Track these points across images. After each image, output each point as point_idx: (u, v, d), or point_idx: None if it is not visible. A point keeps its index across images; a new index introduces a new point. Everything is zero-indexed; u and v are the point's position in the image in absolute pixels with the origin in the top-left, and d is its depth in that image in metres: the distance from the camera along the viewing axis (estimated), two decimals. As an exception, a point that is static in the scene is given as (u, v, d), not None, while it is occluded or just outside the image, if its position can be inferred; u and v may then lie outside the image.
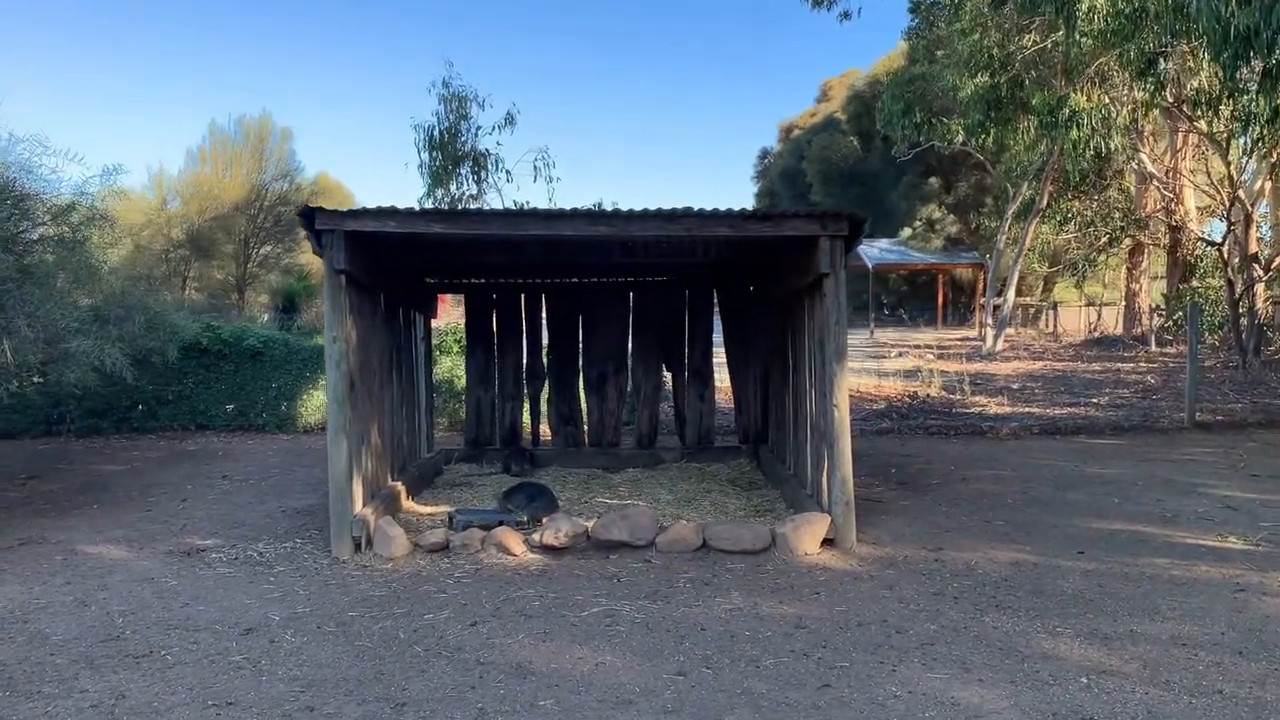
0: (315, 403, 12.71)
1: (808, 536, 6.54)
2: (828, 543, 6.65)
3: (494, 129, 14.65)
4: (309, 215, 6.47)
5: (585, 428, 10.47)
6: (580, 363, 10.47)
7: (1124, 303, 28.09)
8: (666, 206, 6.55)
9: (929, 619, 5.21)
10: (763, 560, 6.40)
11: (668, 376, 10.91)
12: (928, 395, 15.21)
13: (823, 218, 6.63)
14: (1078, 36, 15.69)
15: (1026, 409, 14.00)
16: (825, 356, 6.83)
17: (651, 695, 4.23)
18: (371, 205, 6.56)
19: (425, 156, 14.31)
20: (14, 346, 6.80)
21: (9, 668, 4.66)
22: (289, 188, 32.63)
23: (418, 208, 6.53)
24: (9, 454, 11.16)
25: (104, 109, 77.01)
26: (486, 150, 14.49)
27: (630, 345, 10.46)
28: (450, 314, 16.58)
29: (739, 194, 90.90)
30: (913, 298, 41.06)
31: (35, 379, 7.61)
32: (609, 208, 14.04)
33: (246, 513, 8.11)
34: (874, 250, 34.84)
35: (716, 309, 10.57)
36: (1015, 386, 16.53)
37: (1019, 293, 29.37)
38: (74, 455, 11.28)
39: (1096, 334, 28.21)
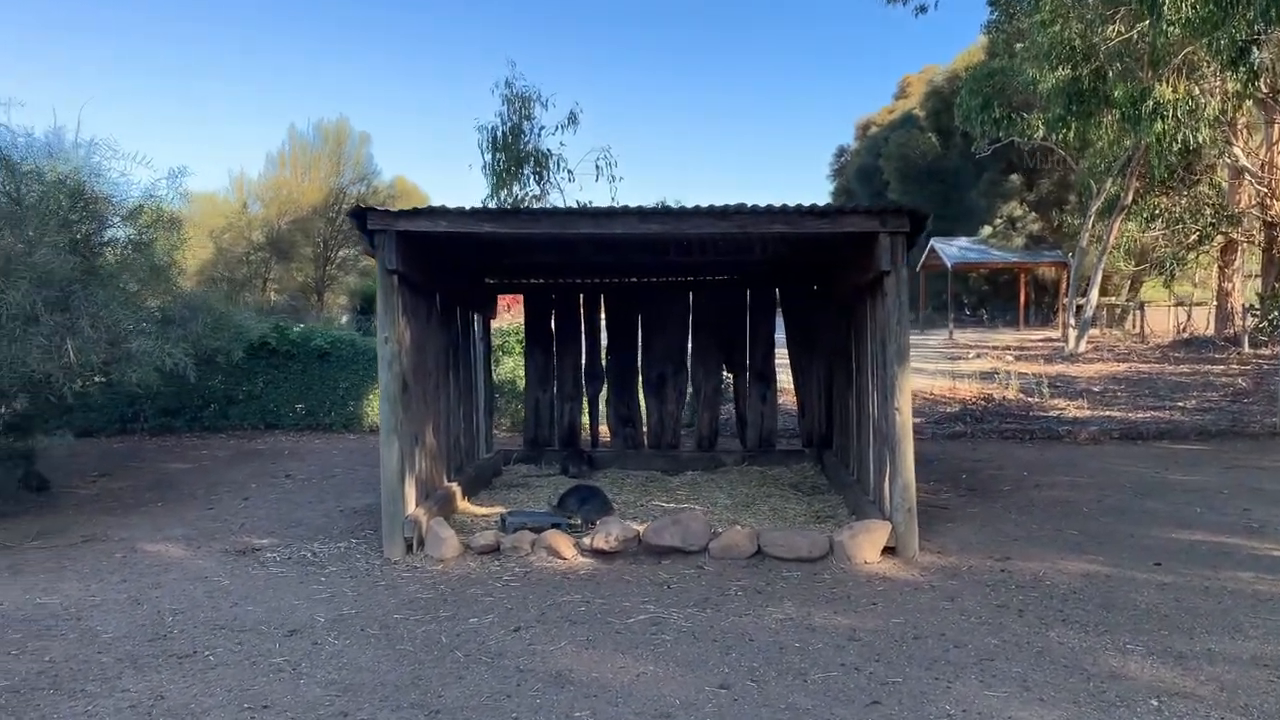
0: (381, 403, 12.81)
1: (867, 544, 6.32)
2: (888, 551, 6.42)
3: (557, 129, 14.67)
4: (361, 216, 6.46)
5: (644, 429, 10.34)
6: (639, 363, 10.34)
7: (1215, 302, 26.96)
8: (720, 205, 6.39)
9: (990, 633, 4.96)
10: (819, 569, 6.19)
11: (728, 377, 10.73)
12: (1004, 398, 14.75)
13: (882, 213, 6.40)
14: (1164, 25, 15.08)
15: (1107, 412, 13.48)
16: (887, 357, 6.59)
17: (691, 709, 4.08)
18: (423, 206, 6.52)
19: (488, 157, 14.35)
20: (77, 347, 6.91)
21: (57, 665, 4.71)
22: (367, 191, 33.15)
23: (468, 207, 6.46)
24: (84, 452, 11.44)
25: (187, 115, 79.23)
26: (549, 150, 14.49)
27: (690, 346, 10.30)
28: (514, 314, 16.60)
29: (815, 193, 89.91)
30: (994, 297, 40.06)
31: (98, 379, 7.72)
32: (672, 204, 14.02)
33: (305, 512, 8.16)
34: (953, 249, 34.05)
35: (779, 308, 10.35)
36: (1096, 389, 15.95)
37: (1104, 292, 28.43)
38: (146, 453, 11.53)
39: (1186, 335, 27.15)
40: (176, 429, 12.89)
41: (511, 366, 13.08)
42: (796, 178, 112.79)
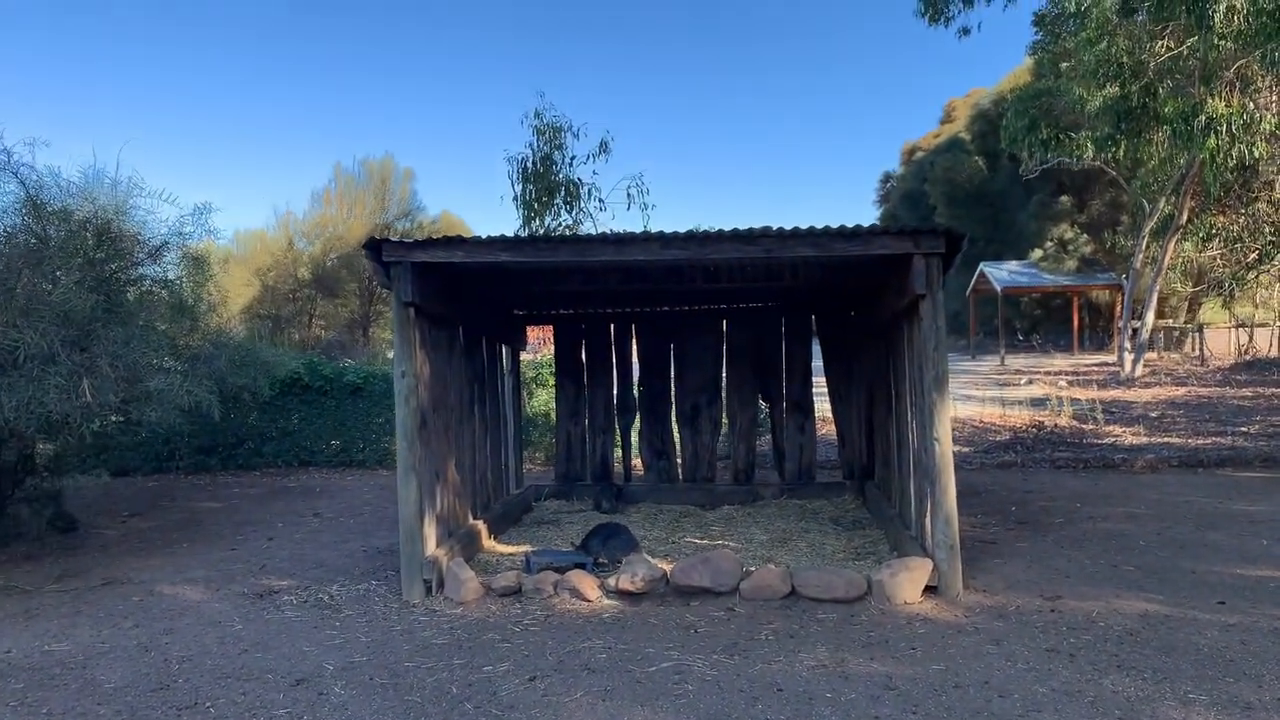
0: (416, 438, 12.66)
1: (907, 584, 5.95)
2: (930, 590, 6.05)
3: (589, 158, 14.46)
4: (375, 247, 6.29)
5: (679, 462, 10.04)
6: (672, 394, 10.06)
7: (1278, 323, 26.09)
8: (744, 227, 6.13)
9: (1038, 680, 4.59)
10: (857, 610, 5.84)
11: (765, 408, 10.41)
12: (1056, 425, 14.22)
13: (915, 234, 6.09)
14: (1215, 39, 14.65)
15: (1165, 439, 12.92)
16: (924, 385, 6.26)
17: (709, 768, 3.77)
18: (439, 235, 6.35)
19: (519, 188, 14.21)
20: (95, 386, 6.80)
21: (53, 717, 4.53)
22: (412, 226, 33.36)
23: (486, 236, 6.27)
24: (118, 491, 11.40)
25: (234, 154, 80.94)
26: (580, 179, 14.30)
27: (724, 376, 10.00)
28: (548, 346, 16.42)
29: (860, 219, 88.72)
30: (1046, 321, 39.20)
31: (115, 418, 7.62)
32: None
33: (328, 552, 7.97)
34: (1003, 273, 33.38)
35: (815, 336, 10.02)
36: (1154, 415, 15.36)
37: (1160, 315, 27.63)
38: (178, 492, 11.46)
39: (1248, 357, 26.27)
40: (211, 467, 12.83)
41: (545, 399, 12.87)
42: (841, 205, 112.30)
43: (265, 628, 5.87)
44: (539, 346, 20.10)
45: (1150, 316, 23.68)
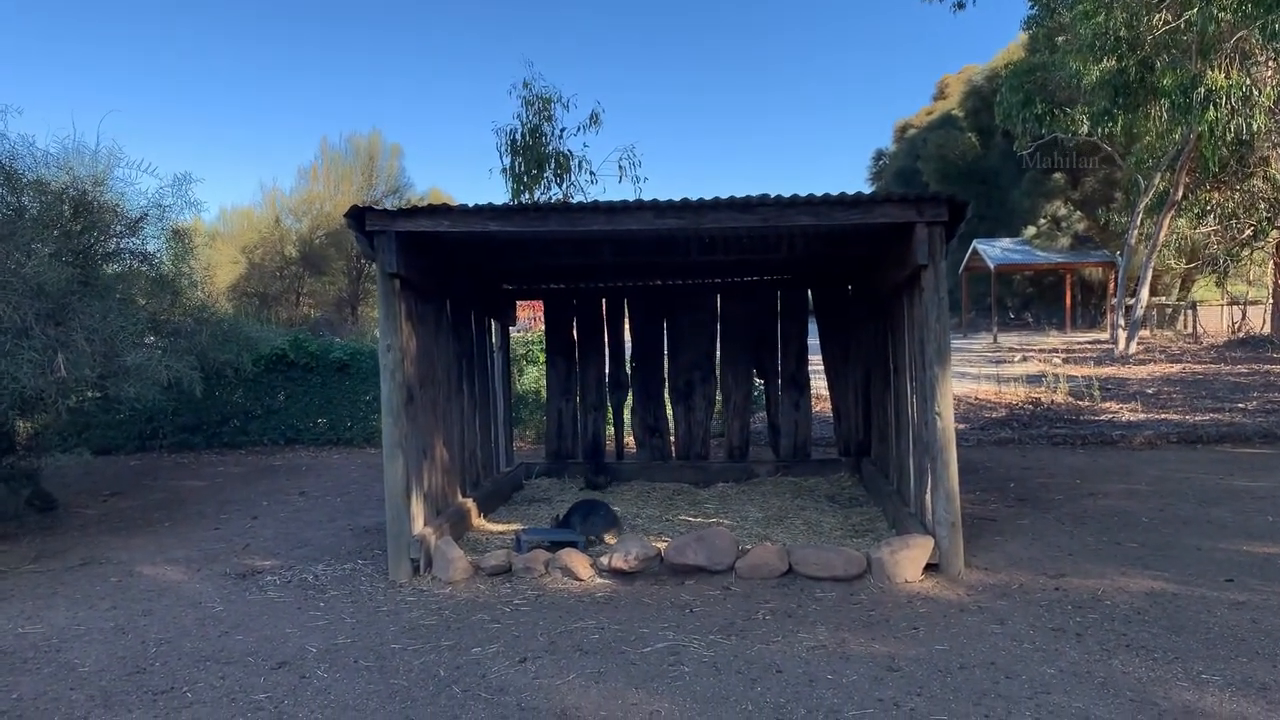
0: (404, 416, 12.47)
1: (907, 562, 5.79)
2: (931, 568, 5.89)
3: (579, 129, 14.15)
4: (358, 216, 6.06)
5: (672, 439, 9.85)
6: (666, 371, 9.86)
7: (1272, 300, 25.96)
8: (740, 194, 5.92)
9: (1045, 661, 4.44)
10: (856, 588, 5.68)
11: (760, 384, 10.22)
12: (1053, 401, 14.08)
13: (918, 202, 5.89)
14: (1214, 11, 14.46)
15: (1163, 415, 12.79)
16: (925, 358, 6.08)
17: (707, 755, 3.61)
18: (424, 204, 6.13)
19: (507, 161, 13.92)
20: (70, 361, 6.58)
21: (23, 704, 4.35)
22: (400, 202, 32.97)
23: (472, 205, 6.05)
24: (100, 470, 11.18)
25: (218, 130, 79.92)
26: (570, 152, 14.00)
27: (719, 351, 9.80)
28: (539, 324, 16.19)
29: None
30: (1039, 299, 39.06)
31: (92, 394, 7.40)
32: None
33: (314, 531, 7.78)
34: (996, 250, 33.17)
35: (812, 310, 9.82)
36: (1150, 391, 15.22)
37: (1154, 292, 27.50)
38: (161, 471, 11.24)
39: (1241, 334, 26.18)
40: (195, 446, 12.60)
41: (535, 376, 12.66)
42: (833, 183, 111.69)
43: (247, 609, 5.69)
44: (530, 324, 19.87)
45: (1145, 293, 23.54)
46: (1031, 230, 33.67)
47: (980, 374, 17.92)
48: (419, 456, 6.58)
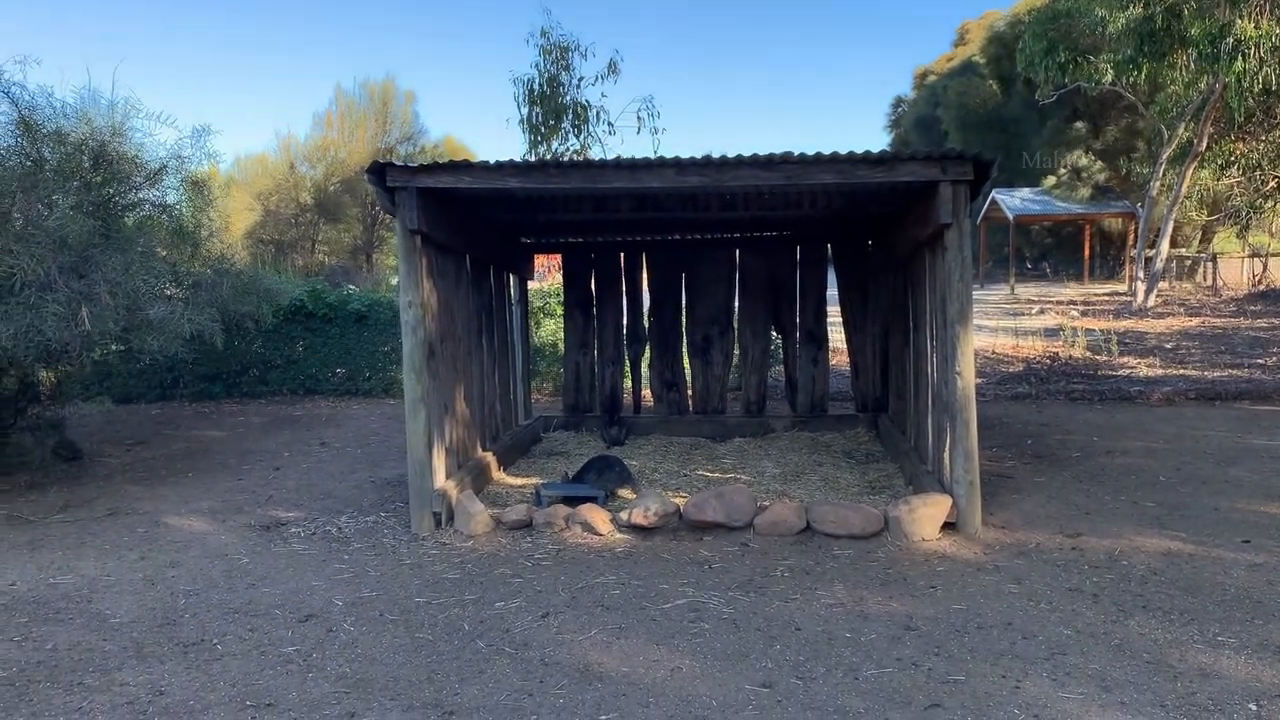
0: (422, 366, 12.55)
1: (925, 520, 5.84)
2: (948, 526, 5.93)
3: (597, 79, 14.01)
4: (379, 172, 6.06)
5: (689, 394, 9.89)
6: (683, 325, 9.87)
7: (1293, 253, 25.73)
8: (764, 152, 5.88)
9: (1062, 622, 4.49)
10: (873, 546, 5.74)
11: (777, 339, 10.22)
12: (1070, 356, 14.05)
13: (943, 160, 5.83)
14: (1246, -44, 14.13)
15: (1181, 371, 12.75)
16: (947, 318, 6.07)
17: (729, 711, 3.68)
18: (445, 160, 6.11)
19: (525, 111, 13.83)
20: (94, 314, 6.63)
21: (58, 654, 4.45)
22: (414, 150, 32.87)
23: (494, 161, 6.03)
24: (122, 419, 11.31)
25: (232, 77, 79.47)
26: (588, 102, 13.88)
27: (737, 306, 9.79)
28: (554, 275, 16.19)
29: (871, 144, 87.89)
30: (1057, 250, 38.71)
31: (115, 347, 7.46)
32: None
33: (336, 483, 7.88)
34: (1015, 200, 32.82)
35: (831, 265, 9.78)
36: (1169, 346, 15.16)
37: (1174, 243, 27.23)
38: (183, 420, 11.36)
39: (1262, 287, 25.96)
40: (215, 395, 12.72)
41: (552, 329, 12.68)
42: (851, 129, 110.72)
43: (272, 561, 5.79)
44: (545, 274, 19.84)
45: (1164, 246, 23.35)
46: (1051, 180, 33.27)
47: (997, 327, 17.87)
48: (440, 411, 6.64)
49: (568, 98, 13.85)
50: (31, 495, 7.66)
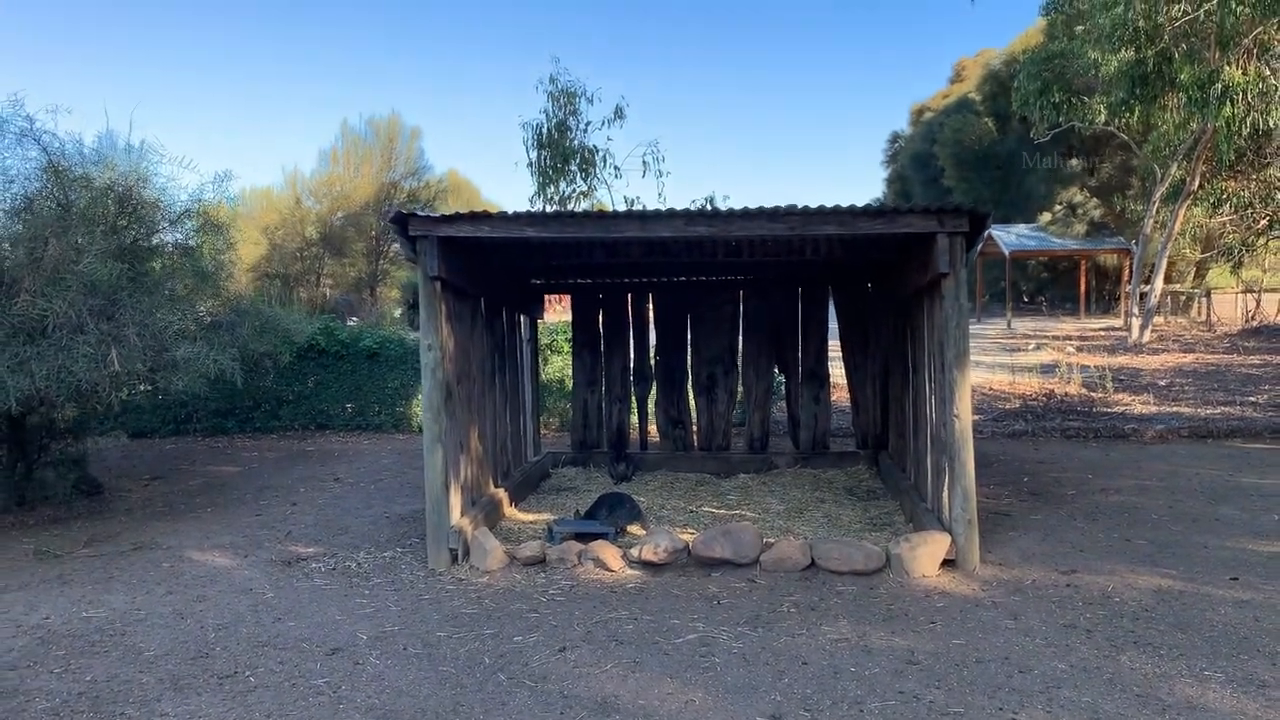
0: (429, 402, 12.79)
1: (925, 557, 6.07)
2: (948, 564, 6.16)
3: (603, 124, 14.46)
4: (402, 221, 6.33)
5: (694, 431, 10.14)
6: (689, 364, 10.14)
7: (1286, 289, 26.05)
8: (769, 204, 6.16)
9: (1057, 656, 4.71)
10: (875, 582, 5.96)
11: (780, 378, 10.49)
12: (1066, 393, 14.30)
13: (940, 214, 6.12)
14: (1233, 5, 14.54)
15: (1175, 408, 13.01)
16: (945, 362, 6.33)
17: (741, 742, 3.90)
18: (465, 210, 6.39)
19: (534, 155, 14.20)
20: (123, 355, 6.88)
21: (98, 685, 4.65)
22: (418, 185, 33.26)
23: (511, 211, 6.30)
24: (138, 453, 11.53)
25: (242, 112, 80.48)
26: (595, 146, 14.30)
27: (740, 346, 10.07)
28: (562, 311, 16.46)
29: (868, 179, 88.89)
30: (1053, 285, 39.11)
31: (143, 387, 7.71)
32: (721, 202, 13.81)
33: (352, 518, 8.09)
34: (1011, 236, 33.22)
35: (832, 307, 10.07)
36: (1163, 383, 15.43)
37: (1168, 278, 27.58)
38: (197, 455, 11.58)
39: (1255, 323, 26.27)
40: (228, 430, 12.96)
41: (560, 365, 12.95)
42: (849, 164, 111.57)
43: (296, 596, 5.99)
44: (548, 306, 20.11)
45: (1159, 282, 23.67)
46: (1047, 216, 33.71)
47: (994, 363, 18.12)
48: (456, 450, 6.87)
49: (575, 142, 14.21)
50: (55, 530, 7.88)
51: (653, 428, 10.54)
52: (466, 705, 4.30)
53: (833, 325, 10.06)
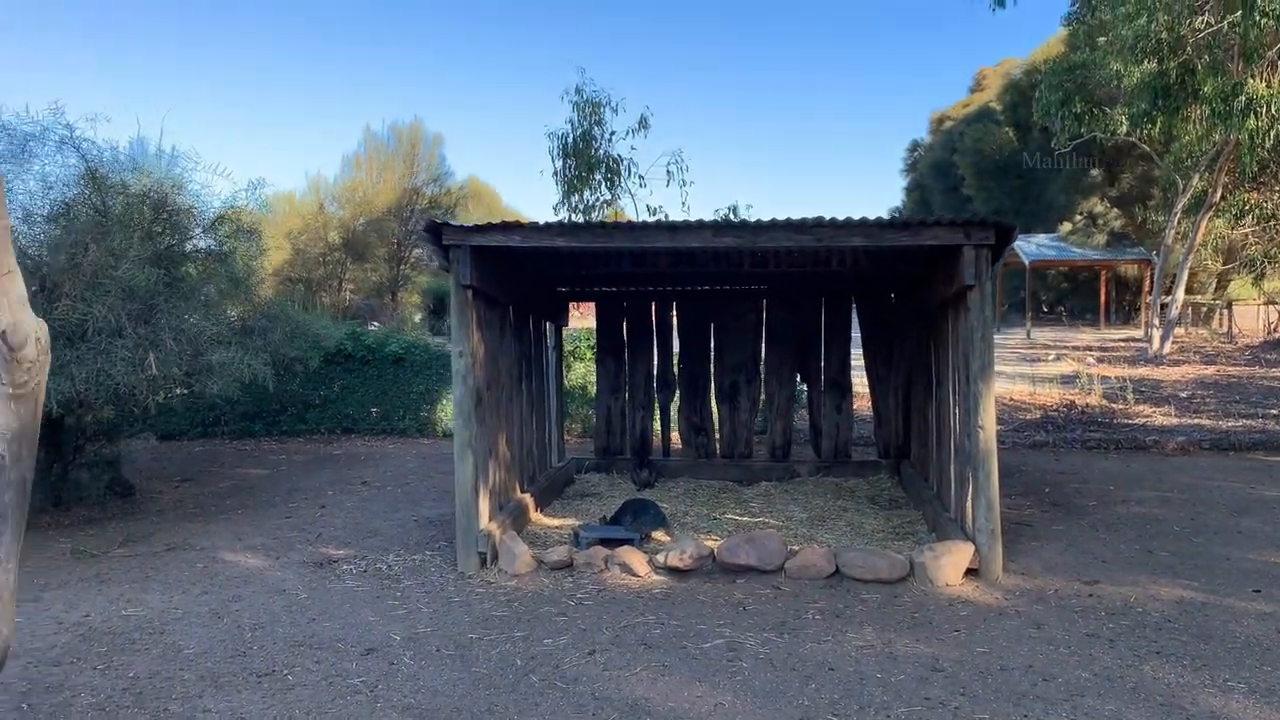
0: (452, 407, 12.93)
1: (949, 566, 6.14)
2: (971, 573, 6.23)
3: (628, 133, 14.62)
4: (435, 231, 6.46)
5: (717, 438, 10.23)
6: (712, 372, 10.24)
7: (1310, 301, 25.94)
8: (796, 216, 6.26)
9: (1080, 665, 4.77)
10: (900, 590, 6.03)
11: (802, 386, 10.57)
12: (1086, 404, 14.32)
13: (966, 226, 6.20)
14: (1257, 17, 14.53)
15: (1196, 420, 13.01)
16: (970, 373, 6.40)
17: (771, 745, 3.98)
18: (498, 220, 6.51)
19: (559, 164, 14.36)
20: (160, 359, 7.03)
21: (140, 681, 4.77)
22: (439, 191, 33.41)
23: (542, 222, 6.43)
24: (168, 455, 11.71)
25: (265, 118, 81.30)
26: (620, 156, 14.43)
27: (763, 354, 10.16)
28: (584, 318, 16.59)
29: (887, 188, 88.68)
30: (1073, 295, 39.05)
31: (180, 391, 7.87)
32: (744, 211, 13.91)
33: (380, 521, 8.22)
34: (1031, 246, 33.19)
35: (855, 316, 10.14)
36: (1184, 395, 15.41)
37: (1189, 289, 27.48)
38: (225, 458, 11.75)
39: (1277, 335, 26.16)
40: (255, 433, 13.14)
41: (582, 372, 13.06)
42: (868, 172, 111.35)
43: (329, 597, 6.11)
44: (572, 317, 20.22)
45: (1180, 293, 23.60)
46: (1067, 226, 33.68)
47: (1015, 373, 18.13)
48: (485, 455, 6.99)
49: (600, 151, 14.36)
50: (91, 530, 8.03)
51: (675, 435, 10.64)
52: (501, 706, 4.40)
53: (855, 335, 10.14)
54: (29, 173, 8.16)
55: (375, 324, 24.91)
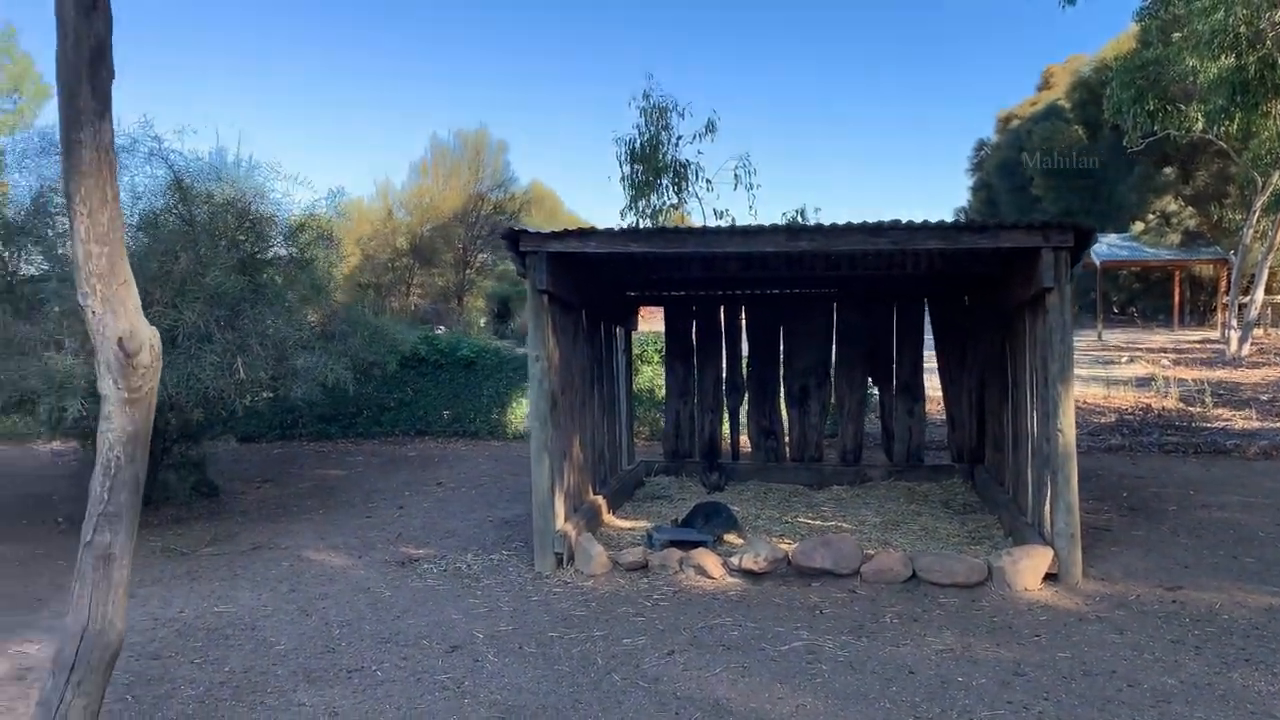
0: (523, 410, 13.12)
1: (1028, 571, 6.09)
2: (1050, 578, 6.17)
3: (694, 138, 14.68)
4: (513, 238, 6.58)
5: (786, 441, 10.22)
6: (781, 375, 10.23)
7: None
8: (870, 219, 6.27)
9: (1166, 671, 4.72)
10: (977, 595, 6.00)
11: (874, 389, 10.52)
12: (1163, 407, 14.03)
13: (1045, 229, 6.15)
14: (1342, 8, 14.12)
15: (1278, 424, 12.67)
16: (1049, 376, 6.34)
17: (854, 746, 4.01)
18: (574, 227, 6.62)
19: (626, 169, 14.49)
20: (247, 364, 7.25)
21: (236, 676, 4.95)
22: (504, 197, 33.78)
23: (616, 228, 6.54)
24: (248, 457, 12.03)
25: (336, 126, 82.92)
26: (687, 160, 14.51)
27: (834, 357, 10.12)
28: (650, 321, 16.68)
29: (953, 187, 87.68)
30: (1145, 296, 38.13)
31: (265, 395, 8.10)
32: (812, 214, 13.87)
33: (457, 522, 8.38)
34: (1102, 246, 32.43)
35: (927, 319, 10.07)
36: (1265, 398, 15.01)
37: (1269, 290, 26.73)
38: (303, 459, 12.05)
39: (1362, 336, 25.32)
40: (332, 435, 13.46)
41: (649, 375, 13.15)
42: (935, 171, 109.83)
43: (412, 595, 6.26)
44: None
45: (1259, 293, 22.97)
46: (1139, 226, 32.91)
47: (1088, 376, 17.80)
48: (560, 458, 7.10)
49: (667, 156, 14.45)
50: (178, 529, 8.30)
51: (744, 438, 10.65)
52: (585, 703, 4.49)
53: (927, 337, 10.08)
54: (119, 183, 8.46)
55: (441, 328, 25.28)
